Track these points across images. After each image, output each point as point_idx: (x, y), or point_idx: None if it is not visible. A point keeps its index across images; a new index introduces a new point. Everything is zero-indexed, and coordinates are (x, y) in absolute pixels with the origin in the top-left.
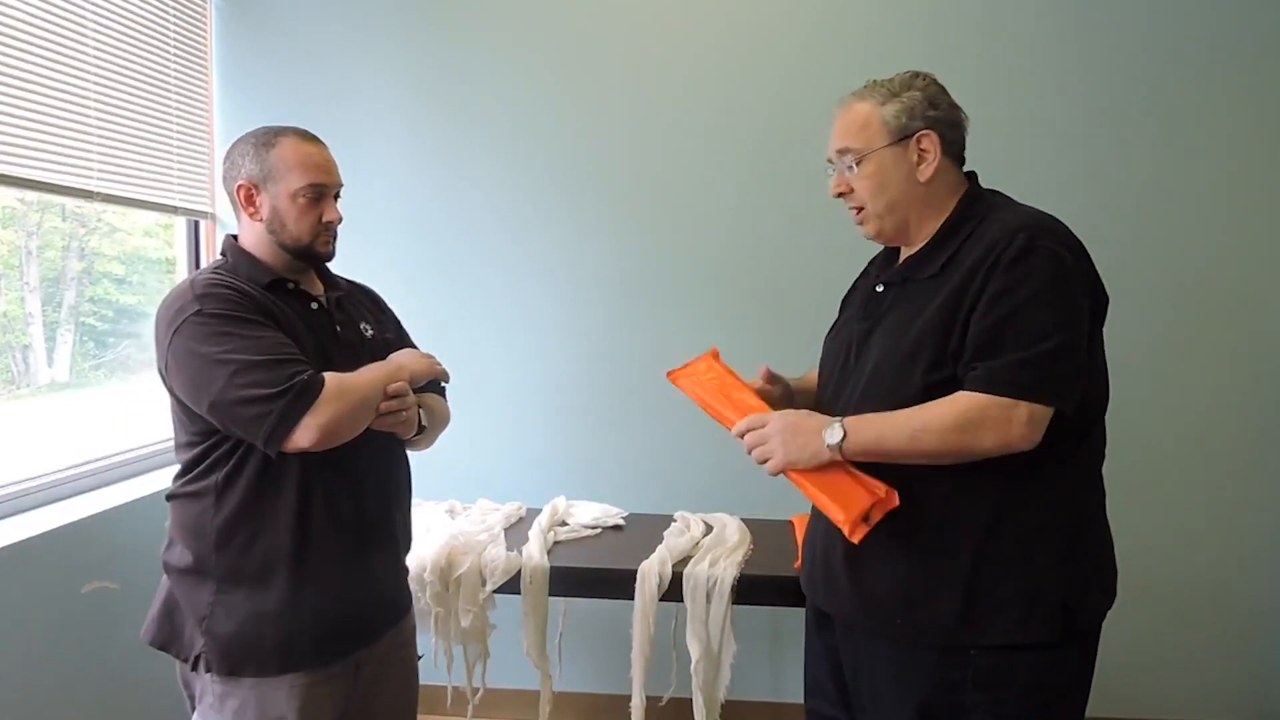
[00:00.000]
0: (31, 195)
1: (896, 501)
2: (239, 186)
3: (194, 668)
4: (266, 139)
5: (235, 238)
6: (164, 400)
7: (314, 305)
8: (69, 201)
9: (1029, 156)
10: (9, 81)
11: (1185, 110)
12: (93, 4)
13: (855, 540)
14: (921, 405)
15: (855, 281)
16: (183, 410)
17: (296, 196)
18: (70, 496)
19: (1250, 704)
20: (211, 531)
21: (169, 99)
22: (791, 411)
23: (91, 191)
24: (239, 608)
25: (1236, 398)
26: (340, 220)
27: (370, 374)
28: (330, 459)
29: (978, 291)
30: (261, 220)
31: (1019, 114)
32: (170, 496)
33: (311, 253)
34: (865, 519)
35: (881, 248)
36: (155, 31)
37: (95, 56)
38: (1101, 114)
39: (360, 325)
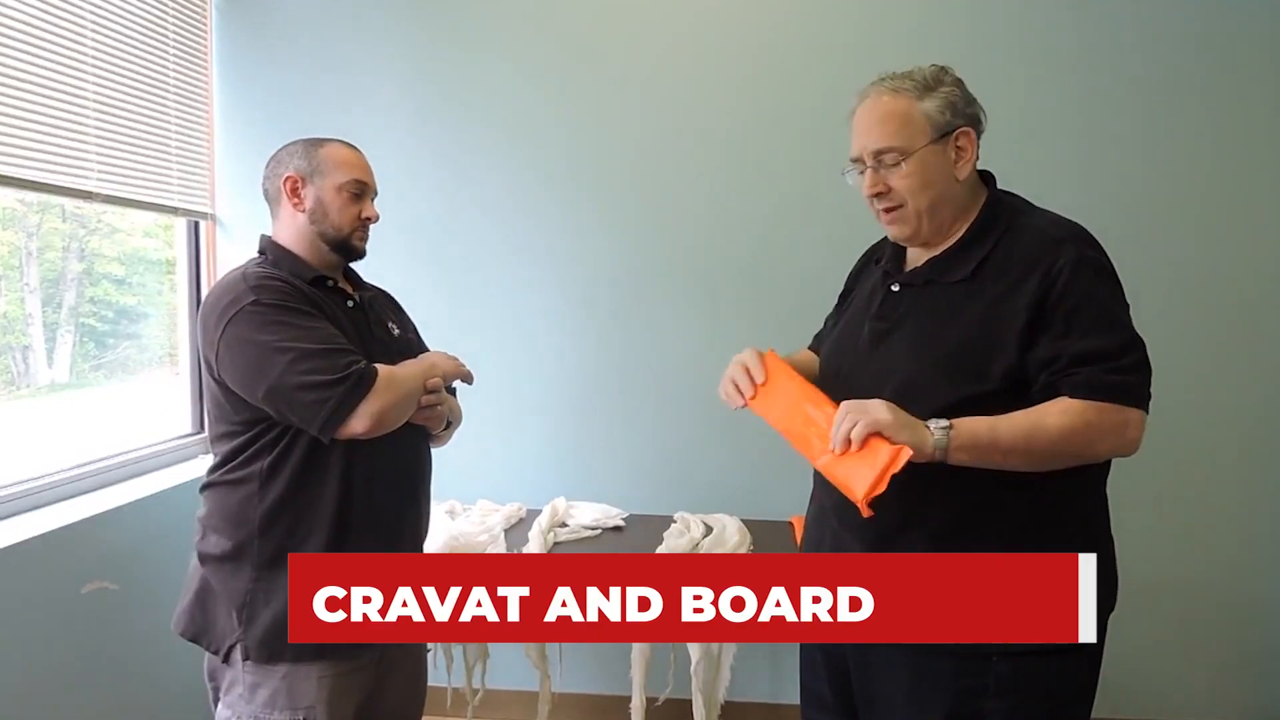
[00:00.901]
0: (31, 196)
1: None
2: (286, 179)
3: (225, 658)
4: (315, 141)
5: (270, 238)
6: (164, 400)
7: (350, 304)
8: (68, 202)
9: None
10: (8, 82)
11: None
12: (92, 4)
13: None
14: (1033, 408)
15: (854, 279)
16: (228, 399)
17: (341, 190)
18: (70, 497)
19: (1250, 704)
20: (256, 518)
21: (168, 99)
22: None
23: (91, 192)
24: (278, 594)
25: (1241, 400)
26: (377, 218)
27: (411, 368)
28: (371, 448)
29: (1033, 305)
30: (304, 211)
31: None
32: (206, 486)
33: (349, 245)
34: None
35: (875, 242)
36: (155, 32)
37: (94, 57)
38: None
39: (388, 324)
